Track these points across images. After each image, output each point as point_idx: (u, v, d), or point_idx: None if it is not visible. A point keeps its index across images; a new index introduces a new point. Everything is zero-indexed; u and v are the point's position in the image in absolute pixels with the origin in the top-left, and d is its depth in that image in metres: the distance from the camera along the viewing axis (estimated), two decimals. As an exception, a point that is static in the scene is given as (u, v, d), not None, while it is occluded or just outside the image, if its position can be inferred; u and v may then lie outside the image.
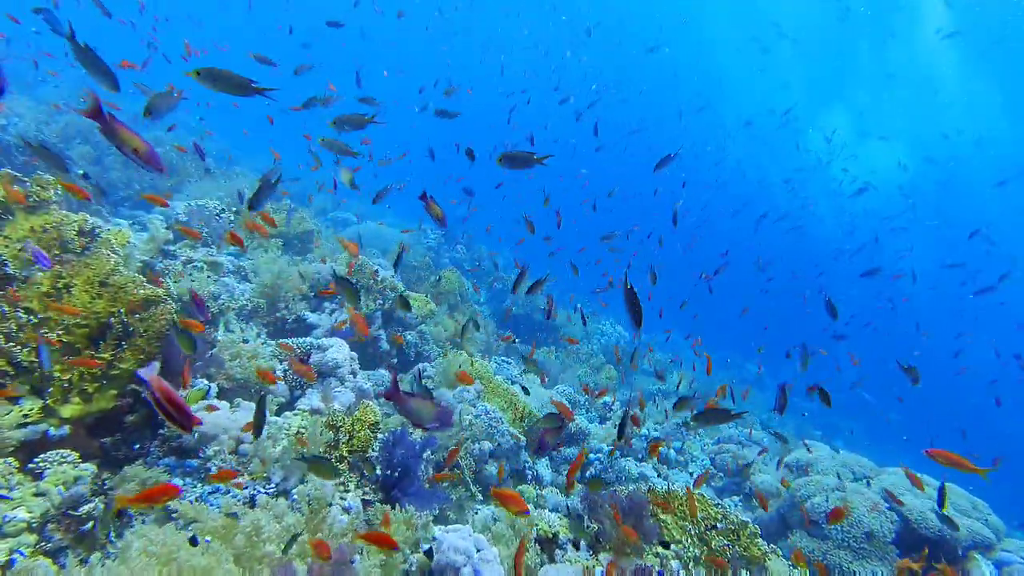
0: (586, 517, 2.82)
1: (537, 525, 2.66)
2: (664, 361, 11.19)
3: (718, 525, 2.79)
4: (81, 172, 3.33)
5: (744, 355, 14.79)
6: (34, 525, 2.34)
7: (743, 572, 2.53)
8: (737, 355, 14.62)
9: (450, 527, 2.54)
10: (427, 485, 3.06)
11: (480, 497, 4.17)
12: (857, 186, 17.02)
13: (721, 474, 5.76)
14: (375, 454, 3.43)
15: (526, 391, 5.42)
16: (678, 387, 7.44)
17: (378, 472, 3.38)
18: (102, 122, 1.93)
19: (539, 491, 4.46)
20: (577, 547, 2.63)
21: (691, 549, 2.66)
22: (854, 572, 3.56)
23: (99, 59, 2.16)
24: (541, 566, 2.40)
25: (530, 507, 4.20)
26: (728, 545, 2.72)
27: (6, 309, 2.52)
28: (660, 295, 7.21)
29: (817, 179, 29.26)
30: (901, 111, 28.44)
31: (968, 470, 2.71)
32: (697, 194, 25.34)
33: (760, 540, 2.89)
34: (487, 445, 4.41)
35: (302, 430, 3.35)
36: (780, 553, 2.89)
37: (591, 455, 5.23)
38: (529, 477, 4.63)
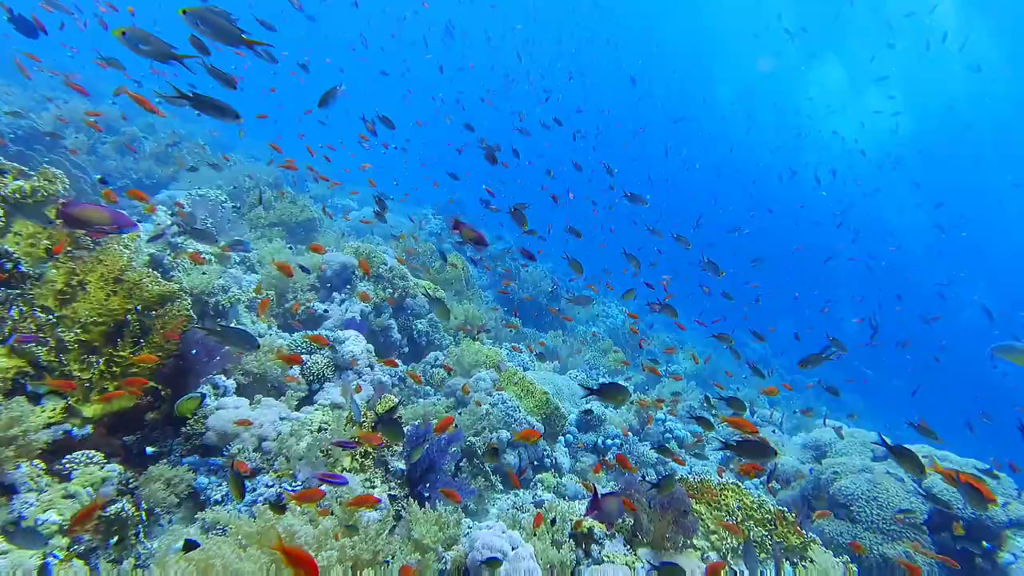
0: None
1: (563, 512, 2.64)
2: (670, 343, 11.25)
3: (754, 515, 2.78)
4: (99, 177, 3.29)
5: (747, 333, 14.88)
6: (65, 527, 2.30)
7: (785, 563, 2.50)
8: (742, 334, 14.72)
9: (483, 524, 2.51)
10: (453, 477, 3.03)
11: (500, 487, 4.16)
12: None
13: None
14: (398, 448, 3.40)
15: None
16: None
17: (402, 467, 3.34)
18: (70, 224, 2.29)
19: (559, 480, 4.46)
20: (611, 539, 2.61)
21: (729, 540, 2.64)
22: (885, 555, 3.55)
23: (213, 100, 2.33)
24: (577, 564, 2.37)
25: (551, 496, 4.21)
26: (766, 535, 2.70)
27: (24, 309, 2.45)
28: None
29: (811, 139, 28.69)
30: (897, 64, 27.43)
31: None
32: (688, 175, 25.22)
33: (800, 529, 2.86)
34: (505, 434, 4.38)
35: (324, 425, 3.31)
36: (819, 541, 2.88)
37: (608, 441, 5.22)
38: (548, 465, 4.63)
